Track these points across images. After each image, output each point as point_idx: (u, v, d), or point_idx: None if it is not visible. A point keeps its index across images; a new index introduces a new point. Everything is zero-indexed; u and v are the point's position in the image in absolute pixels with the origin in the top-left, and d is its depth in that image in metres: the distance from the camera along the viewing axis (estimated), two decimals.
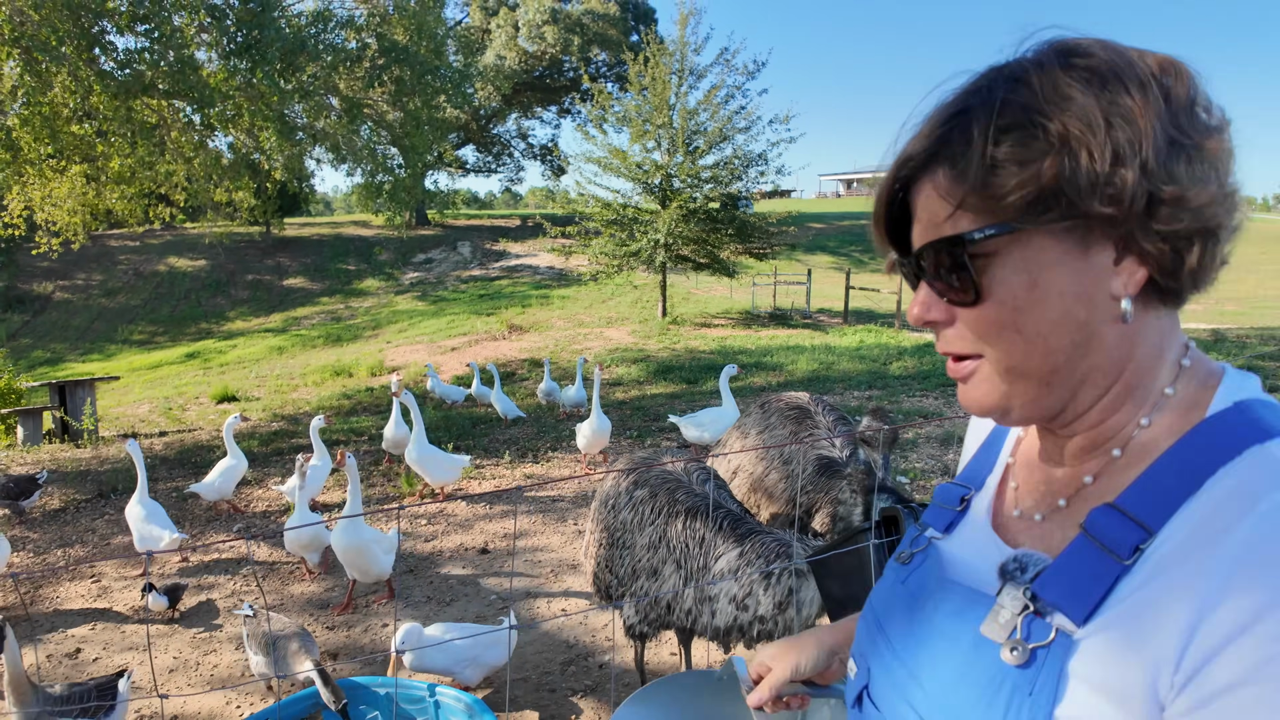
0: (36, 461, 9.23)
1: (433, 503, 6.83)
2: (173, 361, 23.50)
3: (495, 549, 5.76)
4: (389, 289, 32.84)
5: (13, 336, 29.24)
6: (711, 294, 27.36)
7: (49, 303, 32.41)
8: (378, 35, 10.60)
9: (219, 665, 4.29)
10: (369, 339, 22.98)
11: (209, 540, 6.20)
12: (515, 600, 4.87)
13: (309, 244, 38.21)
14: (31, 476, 6.68)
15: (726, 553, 2.88)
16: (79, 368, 24.64)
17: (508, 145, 46.85)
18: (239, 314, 31.33)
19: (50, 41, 5.88)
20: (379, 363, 17.70)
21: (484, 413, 10.85)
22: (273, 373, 18.58)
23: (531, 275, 32.70)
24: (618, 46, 35.47)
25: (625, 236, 20.45)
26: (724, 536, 2.90)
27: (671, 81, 19.20)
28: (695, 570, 2.93)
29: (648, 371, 14.50)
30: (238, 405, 14.51)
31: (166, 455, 9.60)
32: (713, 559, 2.90)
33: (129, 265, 35.32)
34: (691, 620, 2.98)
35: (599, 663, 4.09)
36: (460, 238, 39.01)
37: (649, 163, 20.21)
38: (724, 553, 2.88)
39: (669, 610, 3.04)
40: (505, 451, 8.36)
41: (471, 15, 42.78)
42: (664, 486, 3.13)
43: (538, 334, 20.76)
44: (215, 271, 34.80)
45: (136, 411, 14.78)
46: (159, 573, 5.61)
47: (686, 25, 19.06)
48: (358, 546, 4.61)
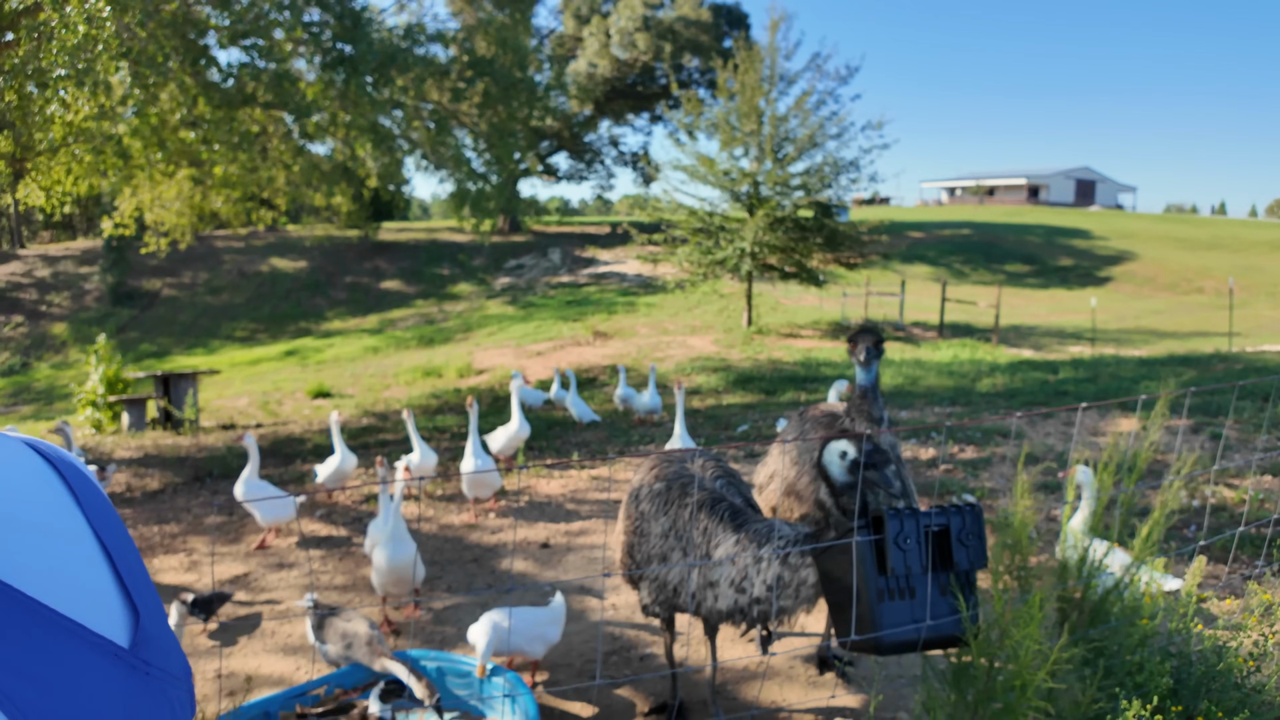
0: (139, 447, 9.90)
1: (474, 512, 7.01)
2: (272, 358, 24.74)
3: (555, 544, 5.88)
4: (481, 293, 33.73)
5: (122, 330, 31.31)
6: (800, 304, 27.06)
7: (157, 299, 34.58)
8: (466, 49, 11.00)
9: (293, 635, 4.55)
10: (459, 342, 23.65)
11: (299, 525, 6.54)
12: (569, 594, 4.97)
13: (405, 248, 39.60)
14: (101, 465, 7.15)
15: (724, 540, 3.13)
16: (183, 361, 26.23)
17: (599, 153, 47.47)
18: (337, 314, 32.74)
19: (157, 58, 6.37)
20: (467, 365, 18.23)
21: (561, 416, 11.04)
22: (366, 371, 19.34)
23: (619, 282, 33.04)
24: (709, 52, 35.55)
25: (711, 244, 20.45)
26: (724, 526, 3.15)
27: (761, 87, 19.13)
28: (699, 557, 3.21)
29: (727, 381, 14.46)
30: (332, 402, 15.20)
31: (261, 446, 10.13)
32: (714, 546, 3.16)
33: (233, 265, 37.36)
34: (697, 604, 3.21)
35: (640, 655, 4.17)
36: (551, 244, 39.75)
37: (736, 170, 20.17)
38: (722, 540, 3.14)
39: (676, 594, 3.30)
40: (575, 453, 8.50)
41: (565, 23, 43.62)
42: (678, 481, 3.41)
43: (621, 340, 20.97)
44: (315, 273, 36.44)
45: (235, 404, 15.65)
46: (224, 577, 5.94)
47: (777, 31, 18.97)
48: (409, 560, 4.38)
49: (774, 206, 19.37)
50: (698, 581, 3.16)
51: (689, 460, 3.61)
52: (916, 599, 2.53)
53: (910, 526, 2.50)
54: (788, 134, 19.52)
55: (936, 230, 43.17)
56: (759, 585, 3.01)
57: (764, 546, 3.05)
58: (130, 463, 9.27)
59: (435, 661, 3.54)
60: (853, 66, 19.94)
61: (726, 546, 3.11)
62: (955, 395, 11.05)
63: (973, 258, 36.94)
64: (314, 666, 4.11)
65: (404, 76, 9.32)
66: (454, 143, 11.39)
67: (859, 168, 19.89)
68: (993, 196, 74.73)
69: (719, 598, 3.11)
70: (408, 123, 10.46)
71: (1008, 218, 51.70)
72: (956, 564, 2.53)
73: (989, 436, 8.00)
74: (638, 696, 3.80)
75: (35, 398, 24.61)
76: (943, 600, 2.56)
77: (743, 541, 3.08)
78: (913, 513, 2.53)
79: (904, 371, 13.98)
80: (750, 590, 3.03)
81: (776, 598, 2.96)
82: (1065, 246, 39.70)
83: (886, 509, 2.53)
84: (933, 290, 25.38)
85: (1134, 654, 2.86)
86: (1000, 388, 11.04)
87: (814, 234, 20.01)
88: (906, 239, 39.71)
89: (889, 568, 2.48)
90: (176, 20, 6.71)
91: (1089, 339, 20.02)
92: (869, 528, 2.55)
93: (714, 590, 3.12)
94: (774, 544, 3.03)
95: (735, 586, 3.05)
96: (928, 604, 2.52)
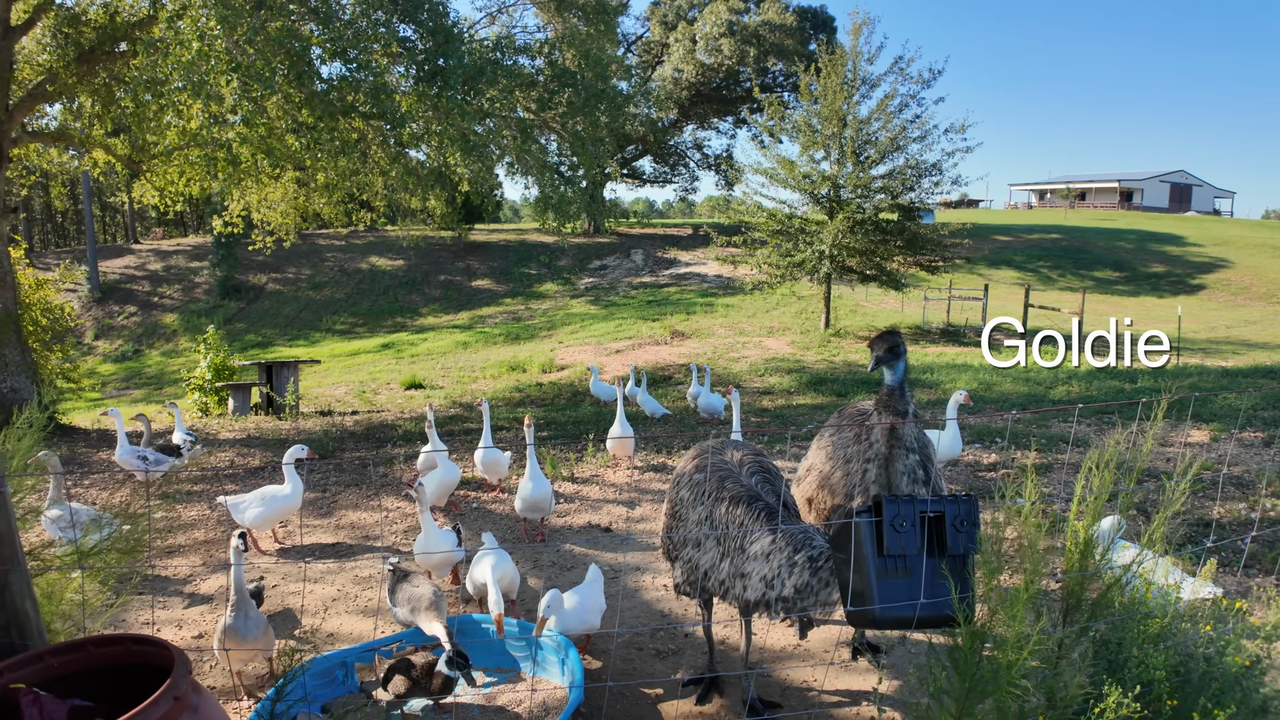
0: (242, 429, 10.76)
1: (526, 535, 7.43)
2: (369, 350, 26.00)
3: (617, 529, 6.26)
4: (565, 293, 34.52)
5: (229, 321, 33.30)
6: (882, 307, 26.79)
7: (262, 293, 36.60)
8: (550, 61, 11.53)
9: (373, 599, 5.06)
10: (543, 339, 24.36)
11: (382, 502, 7.12)
12: (625, 573, 5.34)
13: (496, 249, 40.81)
14: (175, 446, 7.81)
15: (760, 539, 3.36)
16: (285, 351, 27.80)
17: (683, 156, 47.86)
18: (431, 311, 34.05)
19: (264, 73, 7.04)
20: (550, 360, 18.86)
21: (633, 411, 11.44)
22: (456, 365, 20.19)
23: (699, 283, 33.32)
24: (794, 56, 35.44)
25: (790, 247, 20.53)
26: (760, 525, 3.38)
27: (843, 91, 19.12)
28: (731, 549, 3.44)
29: (800, 382, 14.60)
30: (423, 393, 16.02)
31: (355, 431, 10.87)
32: (748, 542, 3.39)
33: (334, 262, 39.21)
34: (724, 590, 3.47)
35: (685, 632, 4.50)
36: (634, 246, 40.31)
37: (816, 173, 20.19)
38: (758, 539, 3.36)
39: (706, 578, 3.54)
40: (642, 446, 8.88)
41: (652, 30, 44.12)
42: (716, 474, 3.64)
43: (699, 340, 21.26)
44: (411, 271, 37.93)
45: (334, 393, 16.64)
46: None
47: (860, 34, 18.93)
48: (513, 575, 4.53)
49: (854, 209, 19.33)
50: (728, 570, 3.44)
51: (727, 451, 3.89)
52: (914, 579, 2.78)
53: (907, 511, 2.75)
54: (869, 137, 19.44)
55: (1024, 234, 41.83)
56: (788, 586, 3.28)
57: (799, 552, 3.30)
58: (234, 443, 10.12)
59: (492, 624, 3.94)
60: (936, 69, 19.75)
61: (763, 544, 3.36)
62: (1026, 402, 10.97)
63: (1061, 263, 35.75)
64: (390, 627, 4.60)
65: (493, 88, 9.89)
66: (539, 150, 11.93)
67: (941, 171, 19.65)
68: (1084, 200, 72.04)
69: (748, 589, 3.38)
70: (496, 131, 11.04)
71: (1099, 222, 49.74)
72: (950, 549, 2.77)
73: (1053, 443, 8.00)
74: (678, 668, 4.13)
75: (146, 382, 26.56)
76: (940, 582, 2.79)
77: (778, 542, 3.32)
78: (910, 499, 2.78)
79: (980, 377, 13.85)
80: (779, 589, 3.29)
81: (800, 599, 3.24)
82: (1157, 253, 38.01)
83: (885, 495, 2.80)
84: (1017, 295, 24.77)
85: (1140, 648, 3.02)
86: (1075, 395, 10.89)
87: (895, 237, 19.86)
88: (993, 243, 38.65)
89: (884, 547, 2.74)
90: (282, 36, 7.39)
91: (1175, 348, 19.26)
92: (870, 510, 2.82)
93: (744, 581, 3.38)
94: (808, 551, 3.30)
95: (766, 582, 3.32)
96: (922, 584, 2.77)
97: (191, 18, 7.29)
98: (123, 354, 32.00)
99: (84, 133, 11.37)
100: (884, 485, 3.54)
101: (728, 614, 4.61)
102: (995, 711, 2.78)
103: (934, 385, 13.39)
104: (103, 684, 2.09)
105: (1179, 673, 3.01)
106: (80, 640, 2.12)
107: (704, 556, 3.53)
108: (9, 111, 9.94)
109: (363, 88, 8.21)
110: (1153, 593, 3.02)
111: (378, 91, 8.14)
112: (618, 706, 3.81)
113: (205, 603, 5.07)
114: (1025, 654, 2.65)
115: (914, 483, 3.48)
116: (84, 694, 2.04)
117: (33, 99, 10.31)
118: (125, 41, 10.11)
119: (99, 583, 3.08)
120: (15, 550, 2.24)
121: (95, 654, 2.10)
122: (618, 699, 3.89)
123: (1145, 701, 2.84)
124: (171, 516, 6.86)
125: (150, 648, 2.10)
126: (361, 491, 7.39)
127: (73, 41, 10.23)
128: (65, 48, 10.20)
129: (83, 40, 10.27)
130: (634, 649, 4.30)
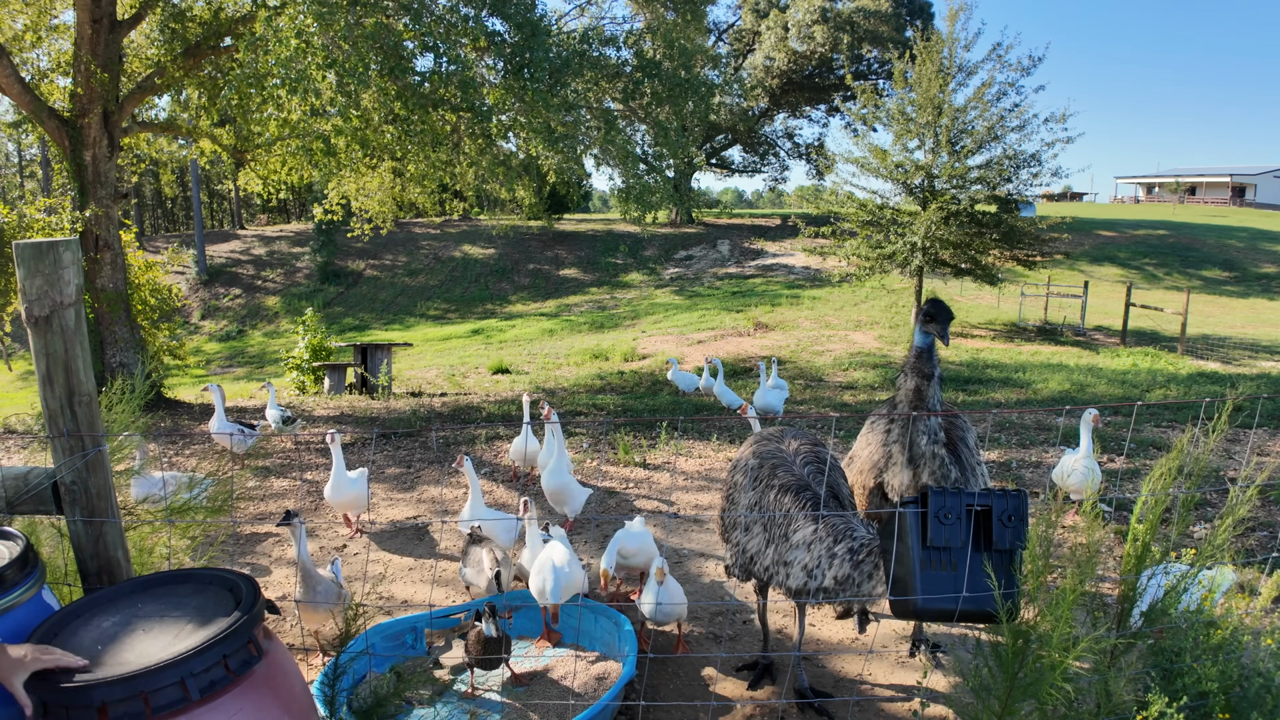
0: (336, 407, 11.29)
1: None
2: (460, 335, 26.78)
3: (684, 515, 6.36)
4: (650, 283, 34.72)
5: (328, 305, 34.81)
6: (976, 302, 25.98)
7: (360, 278, 38.08)
8: (636, 52, 11.65)
9: (448, 569, 5.31)
10: (626, 328, 24.61)
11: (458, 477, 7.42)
12: (689, 559, 5.43)
13: (584, 238, 41.34)
14: (252, 425, 8.25)
15: (803, 528, 3.39)
16: (381, 335, 28.90)
17: (774, 145, 47.32)
18: (519, 298, 34.79)
19: (359, 69, 7.38)
20: (632, 349, 19.06)
21: (710, 402, 11.50)
22: (542, 351, 20.63)
23: (785, 275, 32.98)
24: (889, 43, 34.57)
25: (881, 238, 20.12)
26: (805, 514, 3.41)
27: (939, 78, 18.60)
28: (776, 536, 3.50)
29: (884, 378, 14.35)
30: (510, 378, 16.46)
31: (442, 411, 11.28)
32: (792, 530, 3.43)
33: (429, 250, 40.45)
34: (768, 576, 3.53)
35: (744, 619, 4.56)
36: (721, 236, 40.17)
37: (909, 162, 19.71)
38: (801, 528, 3.40)
39: (753, 562, 3.61)
40: (714, 435, 8.93)
41: (743, 18, 43.72)
42: (769, 461, 3.69)
43: (782, 333, 21.10)
44: (502, 260, 38.81)
45: (425, 375, 17.25)
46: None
47: (956, 21, 18.36)
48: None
49: (948, 200, 18.79)
50: (772, 557, 3.50)
51: (785, 440, 3.92)
52: (958, 572, 2.78)
53: (953, 503, 2.75)
54: (965, 126, 18.87)
55: (1129, 230, 39.77)
56: (828, 577, 3.31)
57: (839, 543, 3.31)
58: (327, 419, 10.65)
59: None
60: (1036, 56, 19.00)
61: (805, 534, 3.40)
62: (1119, 404, 10.52)
63: (1167, 260, 33.87)
64: (462, 596, 4.82)
65: (578, 80, 10.08)
66: (623, 139, 12.08)
67: (1040, 162, 18.92)
68: (1194, 195, 68.22)
69: (790, 576, 3.43)
70: (581, 122, 11.24)
71: (1208, 218, 47.02)
72: (997, 544, 2.76)
73: (1142, 447, 7.68)
74: (734, 653, 4.21)
75: (248, 361, 28.06)
76: (985, 577, 2.78)
77: (820, 533, 3.35)
78: (957, 491, 2.77)
79: (1074, 378, 13.34)
80: (820, 579, 3.32)
81: (842, 590, 3.26)
82: (1270, 252, 35.57)
83: (931, 486, 2.80)
84: (1120, 293, 23.65)
85: (1197, 659, 2.93)
86: (1171, 399, 10.39)
87: (991, 229, 19.23)
88: (1095, 238, 36.91)
89: (929, 539, 2.74)
90: (377, 32, 7.73)
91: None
92: (918, 501, 2.82)
93: (787, 569, 3.43)
94: (848, 543, 3.30)
95: (807, 571, 3.35)
96: (965, 577, 2.76)
97: (289, 15, 7.70)
98: (227, 334, 33.89)
99: (191, 123, 12.11)
100: (904, 446, 3.54)
101: (788, 604, 4.65)
102: (1038, 713, 2.76)
103: (1024, 385, 12.96)
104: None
105: (1240, 686, 2.91)
106: (161, 574, 2.35)
107: (751, 541, 3.60)
108: (119, 103, 10.66)
109: (452, 81, 8.51)
110: (1195, 599, 2.92)
111: (465, 85, 8.42)
112: (671, 685, 3.92)
113: (291, 566, 5.41)
114: (1071, 656, 2.62)
115: (934, 443, 3.46)
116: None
117: (142, 91, 11.01)
118: (229, 36, 10.71)
119: (188, 539, 3.36)
120: (111, 504, 2.50)
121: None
122: (671, 679, 3.99)
123: (1196, 715, 2.76)
124: (266, 485, 7.31)
125: (225, 580, 2.31)
126: (444, 468, 7.71)
127: (179, 36, 10.88)
128: (172, 42, 10.85)
129: (189, 35, 10.91)
130: (691, 631, 4.40)
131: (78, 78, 10.29)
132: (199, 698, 1.95)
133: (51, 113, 10.52)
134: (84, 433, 2.45)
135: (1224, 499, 4.56)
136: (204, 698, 1.96)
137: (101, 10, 10.11)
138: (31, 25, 11.59)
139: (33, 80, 11.52)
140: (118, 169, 11.08)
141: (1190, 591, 2.97)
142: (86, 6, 9.93)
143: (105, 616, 2.18)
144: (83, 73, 10.16)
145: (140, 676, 1.89)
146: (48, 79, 11.91)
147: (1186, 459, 2.92)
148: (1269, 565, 3.78)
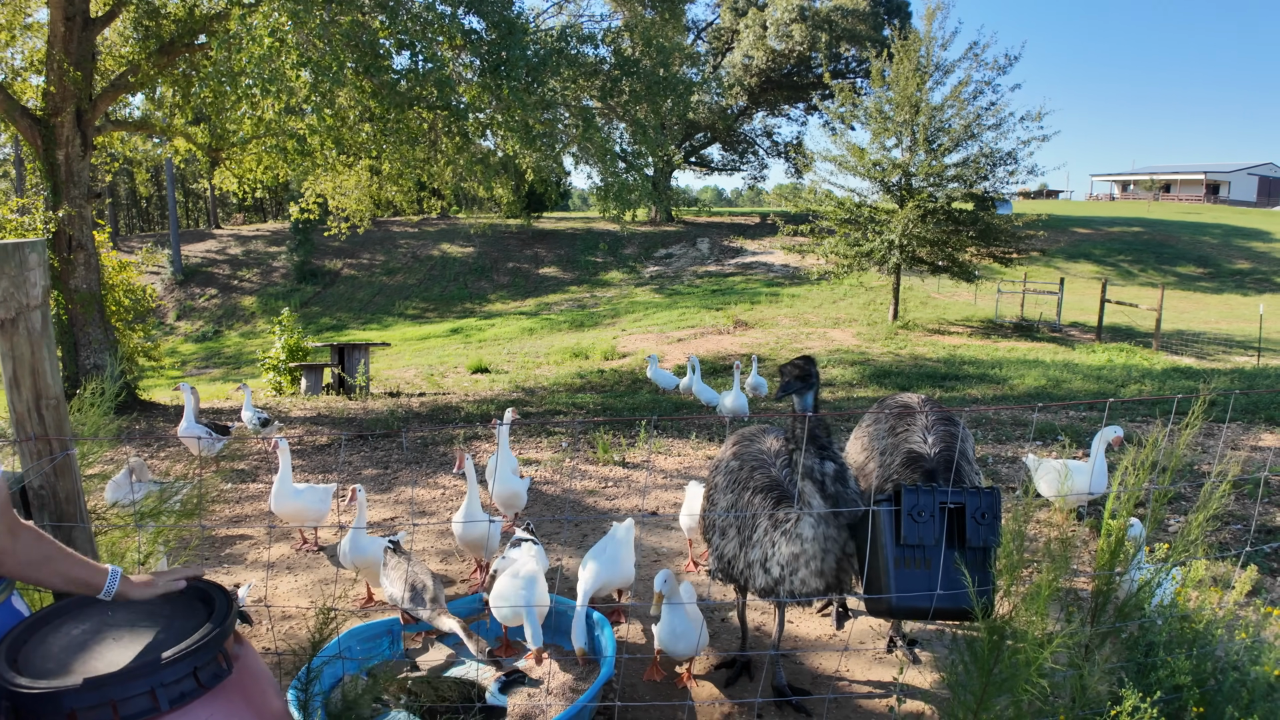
0: (313, 408, 11.19)
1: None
2: (438, 335, 26.64)
3: (664, 514, 6.36)
4: (630, 281, 34.70)
5: (305, 304, 34.52)
6: (953, 299, 26.19)
7: (337, 278, 37.80)
8: (614, 49, 11.64)
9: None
10: (607, 326, 24.59)
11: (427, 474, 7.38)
12: (667, 558, 5.43)
13: (563, 236, 41.25)
14: (225, 426, 8.02)
15: (760, 524, 3.32)
16: (358, 334, 28.69)
17: (753, 143, 47.46)
18: (499, 297, 34.67)
19: (333, 67, 7.31)
20: (612, 348, 19.04)
21: (691, 400, 11.52)
22: (521, 350, 20.57)
23: (765, 273, 33.09)
24: (867, 42, 34.77)
25: (859, 236, 20.25)
26: (764, 512, 3.33)
27: (916, 77, 18.73)
28: (745, 538, 3.41)
29: (863, 375, 14.43)
30: (489, 377, 16.39)
31: (420, 412, 11.22)
32: (754, 530, 3.35)
33: (407, 249, 40.21)
34: (744, 579, 3.45)
35: (722, 616, 4.58)
36: (700, 234, 40.23)
37: (886, 161, 19.85)
38: (758, 525, 3.33)
39: (730, 566, 3.53)
40: (693, 433, 8.94)
41: (722, 17, 43.81)
42: (749, 463, 3.60)
43: (762, 330, 21.16)
44: (481, 258, 38.64)
45: (403, 375, 17.14)
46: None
47: (933, 19, 18.50)
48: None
49: (926, 198, 18.93)
50: (744, 559, 3.41)
51: (765, 439, 3.90)
52: (932, 570, 2.79)
53: (926, 501, 2.76)
54: (942, 124, 19.02)
55: (1105, 227, 40.29)
56: (774, 565, 3.22)
57: (778, 528, 3.20)
58: (304, 420, 10.56)
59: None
60: (1013, 55, 19.21)
61: (759, 532, 3.31)
62: (1095, 400, 10.64)
63: (1142, 257, 34.36)
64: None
65: (555, 78, 10.04)
66: (601, 138, 12.07)
67: (1017, 160, 19.12)
68: (1168, 193, 69.31)
69: (754, 578, 3.34)
70: (558, 120, 11.21)
71: (1183, 215, 47.79)
72: (971, 541, 2.77)
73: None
74: (712, 651, 4.21)
75: (224, 362, 27.77)
76: (959, 575, 2.79)
77: (766, 526, 3.27)
78: (930, 489, 2.78)
79: (1050, 374, 13.48)
80: (772, 570, 3.22)
81: (792, 574, 3.15)
82: (1244, 249, 36.22)
83: (905, 485, 2.81)
84: (1095, 290, 23.95)
85: (1171, 653, 2.96)
86: (1147, 395, 10.53)
87: (968, 227, 19.40)
88: (1071, 235, 37.36)
89: (902, 537, 2.75)
90: (352, 30, 7.66)
91: (1257, 349, 18.34)
92: (891, 500, 2.83)
93: (750, 570, 3.34)
94: (784, 525, 3.17)
95: (763, 567, 3.25)
96: (939, 575, 2.78)
97: (264, 13, 7.62)
98: (203, 334, 33.53)
99: (165, 121, 11.95)
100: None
101: (765, 602, 4.66)
102: (1014, 708, 2.78)
103: (1000, 381, 13.08)
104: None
105: (1214, 679, 2.95)
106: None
107: (727, 545, 3.52)
108: (92, 101, 10.50)
109: (429, 79, 8.46)
110: (1169, 594, 2.95)
111: (442, 83, 8.37)
112: (648, 685, 3.91)
113: (265, 569, 5.36)
114: (1046, 652, 2.64)
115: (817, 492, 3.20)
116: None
117: (115, 89, 10.86)
118: (204, 34, 10.58)
119: (160, 543, 3.32)
120: (80, 509, 2.46)
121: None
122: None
123: (1171, 709, 2.79)
124: (241, 489, 7.23)
125: (197, 590, 2.28)
126: (421, 470, 7.66)
127: (153, 34, 10.74)
128: (146, 40, 10.71)
129: (163, 33, 10.77)
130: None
131: (50, 76, 10.13)
132: (168, 708, 1.92)
133: (24, 111, 10.35)
134: (51, 436, 2.41)
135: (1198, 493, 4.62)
136: (173, 708, 1.93)
137: (75, 8, 9.97)
138: (6, 24, 11.40)
139: (5, 79, 11.34)
140: (91, 168, 10.92)
141: (1164, 586, 3.01)
142: (60, 4, 9.79)
143: (75, 624, 2.14)
144: (55, 71, 10.01)
145: (109, 685, 1.86)
146: (20, 77, 11.72)
147: (1160, 453, 2.95)
148: (1242, 559, 3.83)
